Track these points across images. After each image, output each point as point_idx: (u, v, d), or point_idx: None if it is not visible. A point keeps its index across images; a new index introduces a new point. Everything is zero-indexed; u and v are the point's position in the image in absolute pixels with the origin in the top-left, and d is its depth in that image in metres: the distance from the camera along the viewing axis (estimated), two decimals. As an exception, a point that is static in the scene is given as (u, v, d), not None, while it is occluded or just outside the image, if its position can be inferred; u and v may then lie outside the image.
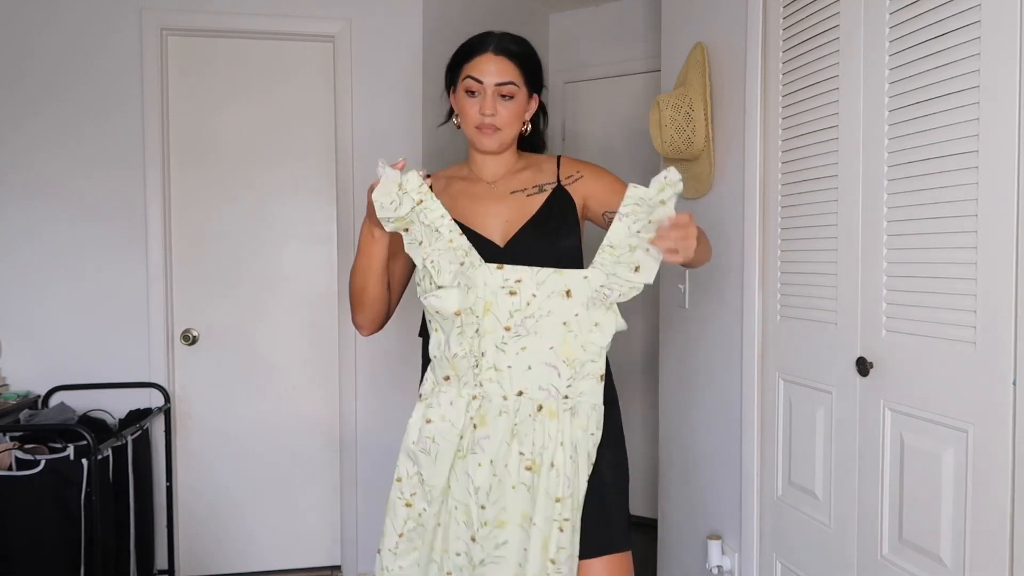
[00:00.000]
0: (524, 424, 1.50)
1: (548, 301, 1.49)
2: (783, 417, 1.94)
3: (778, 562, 1.97)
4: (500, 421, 1.51)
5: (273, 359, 3.06)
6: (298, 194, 3.05)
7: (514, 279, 1.50)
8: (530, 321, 1.50)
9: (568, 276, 1.49)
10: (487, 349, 1.50)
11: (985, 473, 1.30)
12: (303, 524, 3.10)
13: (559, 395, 1.51)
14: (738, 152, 2.08)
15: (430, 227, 1.49)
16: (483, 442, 1.51)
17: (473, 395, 1.52)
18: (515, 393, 1.51)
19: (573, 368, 1.51)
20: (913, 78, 1.44)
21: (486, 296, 1.49)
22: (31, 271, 2.84)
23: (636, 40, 3.47)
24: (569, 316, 1.50)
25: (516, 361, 1.50)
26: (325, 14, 2.97)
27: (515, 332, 1.50)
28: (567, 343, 1.50)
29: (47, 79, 2.82)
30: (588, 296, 1.49)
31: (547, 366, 1.50)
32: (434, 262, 1.50)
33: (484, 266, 1.50)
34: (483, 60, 1.58)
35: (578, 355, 1.51)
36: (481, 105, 1.58)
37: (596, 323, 1.51)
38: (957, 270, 1.35)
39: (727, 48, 2.14)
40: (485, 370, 1.51)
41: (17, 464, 2.25)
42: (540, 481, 1.49)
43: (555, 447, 1.50)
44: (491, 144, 1.62)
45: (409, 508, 1.57)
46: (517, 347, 1.50)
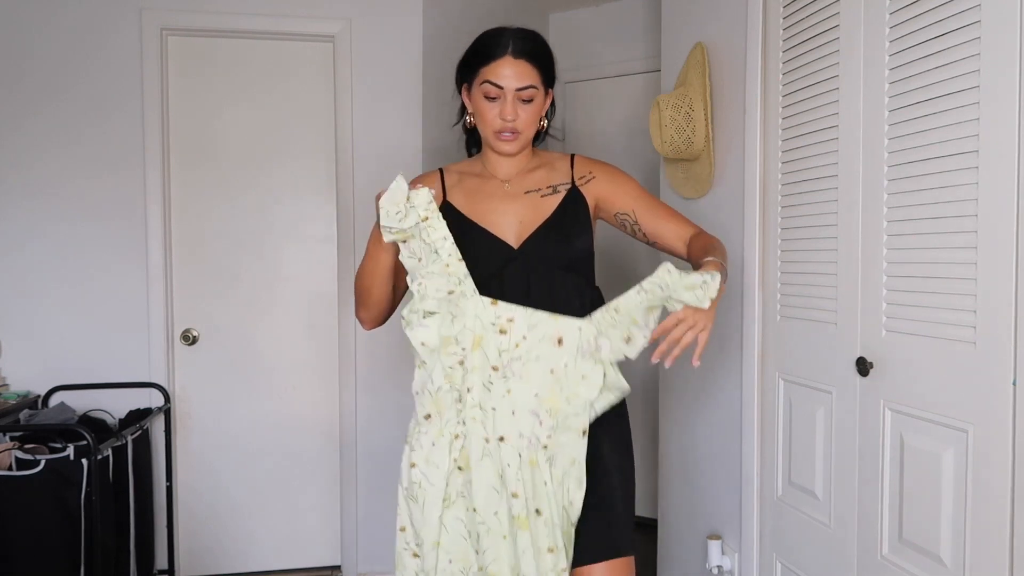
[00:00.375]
0: (510, 471, 1.47)
1: (538, 346, 1.46)
2: (783, 417, 1.94)
3: (778, 562, 1.97)
4: (484, 465, 1.47)
5: (273, 359, 3.06)
6: (298, 194, 3.05)
7: (506, 317, 1.46)
8: (517, 364, 1.46)
9: (562, 323, 1.46)
10: (473, 386, 1.47)
11: (985, 473, 1.30)
12: (303, 524, 3.10)
13: (539, 444, 1.47)
14: (738, 152, 2.08)
15: (430, 247, 1.45)
16: (468, 488, 1.48)
17: (455, 434, 1.48)
18: (496, 438, 1.47)
19: (555, 419, 1.47)
20: (913, 78, 1.44)
21: (476, 329, 1.46)
22: (31, 271, 2.84)
23: (636, 40, 3.47)
24: (557, 364, 1.46)
25: (501, 404, 1.47)
26: (325, 14, 2.97)
27: (502, 373, 1.46)
28: (552, 393, 1.46)
29: (47, 79, 2.82)
30: (578, 347, 1.45)
31: (530, 413, 1.47)
32: (421, 285, 1.46)
33: (477, 298, 1.46)
34: (502, 64, 1.54)
35: (562, 407, 1.47)
36: (502, 110, 1.55)
37: (583, 375, 1.46)
38: (957, 270, 1.35)
39: (727, 48, 2.14)
40: (469, 408, 1.47)
41: (17, 464, 2.25)
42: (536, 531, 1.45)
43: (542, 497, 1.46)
44: (512, 148, 1.60)
45: (417, 559, 1.53)
46: (503, 389, 1.46)
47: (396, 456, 3.22)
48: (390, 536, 3.14)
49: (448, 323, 1.47)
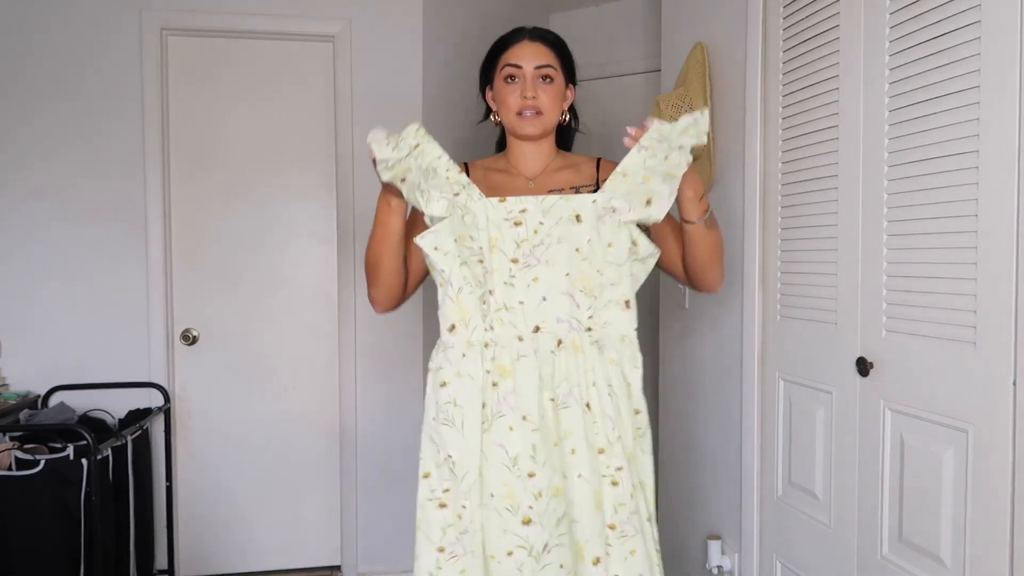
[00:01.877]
0: (545, 365, 1.36)
1: (557, 227, 1.39)
2: (783, 417, 1.94)
3: (778, 562, 1.97)
4: (521, 367, 1.36)
5: (273, 359, 3.06)
6: (298, 193, 3.05)
7: (518, 209, 1.40)
8: (539, 249, 1.39)
9: (576, 201, 1.40)
10: (495, 287, 1.39)
11: (985, 473, 1.30)
12: (303, 524, 3.10)
13: (581, 327, 1.38)
14: (738, 152, 2.08)
15: (428, 169, 1.39)
16: (509, 399, 1.36)
17: (485, 342, 1.39)
18: (531, 330, 1.38)
19: (592, 297, 1.39)
20: (913, 78, 1.44)
21: (490, 231, 1.40)
22: (31, 271, 2.84)
23: (636, 40, 3.47)
24: (581, 242, 1.39)
25: (528, 295, 1.39)
26: (325, 14, 2.97)
27: (524, 263, 1.39)
28: (582, 270, 1.39)
29: (47, 79, 2.82)
30: (597, 216, 1.39)
31: (563, 295, 1.38)
32: (424, 191, 1.39)
33: (484, 200, 1.41)
34: (520, 47, 1.58)
35: (595, 280, 1.39)
36: (522, 89, 1.56)
37: (609, 243, 1.39)
38: (957, 270, 1.35)
39: (727, 48, 2.14)
40: (495, 311, 1.38)
41: (17, 464, 2.25)
42: (575, 427, 1.32)
43: (587, 386, 1.35)
44: (534, 129, 1.57)
45: (444, 510, 1.36)
46: (527, 279, 1.39)
47: (396, 456, 3.23)
48: (390, 536, 3.15)
49: (459, 220, 1.40)
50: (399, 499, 3.03)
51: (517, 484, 1.33)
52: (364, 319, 3.03)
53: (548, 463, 1.34)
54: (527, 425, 1.34)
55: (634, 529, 1.33)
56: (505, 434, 1.35)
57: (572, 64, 1.66)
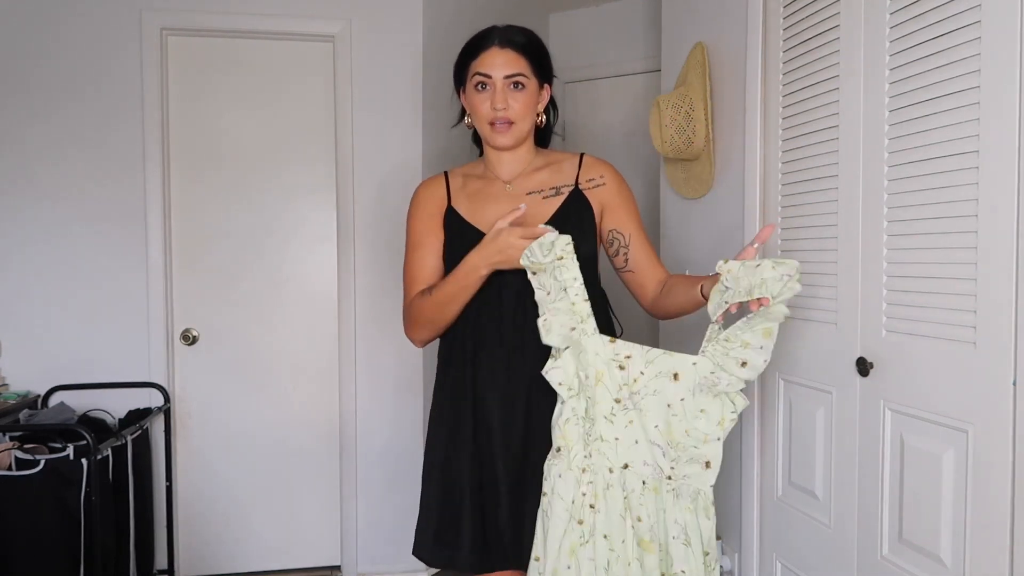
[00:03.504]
0: (634, 496, 1.49)
1: (655, 381, 1.47)
2: (783, 417, 1.94)
3: (778, 562, 1.97)
4: (610, 495, 1.50)
5: (273, 359, 3.06)
6: (298, 193, 3.05)
7: (624, 354, 1.48)
8: (636, 397, 1.48)
9: (677, 359, 1.47)
10: (597, 418, 1.49)
11: (985, 473, 1.30)
12: (303, 524, 3.10)
13: (663, 475, 1.49)
14: (738, 152, 2.08)
15: (560, 284, 1.48)
16: (601, 517, 1.50)
17: (583, 468, 1.50)
18: (620, 466, 1.49)
19: (677, 451, 1.48)
20: (913, 78, 1.44)
21: (597, 365, 1.48)
22: (31, 271, 2.84)
23: (636, 40, 3.47)
24: (674, 399, 1.47)
25: (624, 434, 1.49)
26: (325, 14, 2.97)
27: (624, 405, 1.49)
28: (671, 426, 1.48)
29: (46, 80, 2.82)
30: (696, 382, 1.46)
31: (652, 444, 1.49)
32: (546, 320, 1.50)
33: (597, 336, 1.48)
34: (489, 54, 1.57)
35: (682, 439, 1.48)
36: (492, 99, 1.56)
37: (702, 409, 1.47)
38: (957, 270, 1.35)
39: (727, 48, 2.14)
40: (593, 440, 1.49)
41: (17, 464, 2.25)
42: (647, 557, 1.48)
43: (659, 525, 1.49)
44: (506, 140, 1.59)
45: None
46: (625, 420, 1.49)
47: (396, 456, 3.22)
48: (390, 536, 3.15)
49: (573, 359, 1.50)
50: (399, 499, 3.03)
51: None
52: (364, 319, 3.03)
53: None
54: (606, 544, 1.49)
55: None
56: (593, 549, 1.50)
57: (546, 63, 1.64)
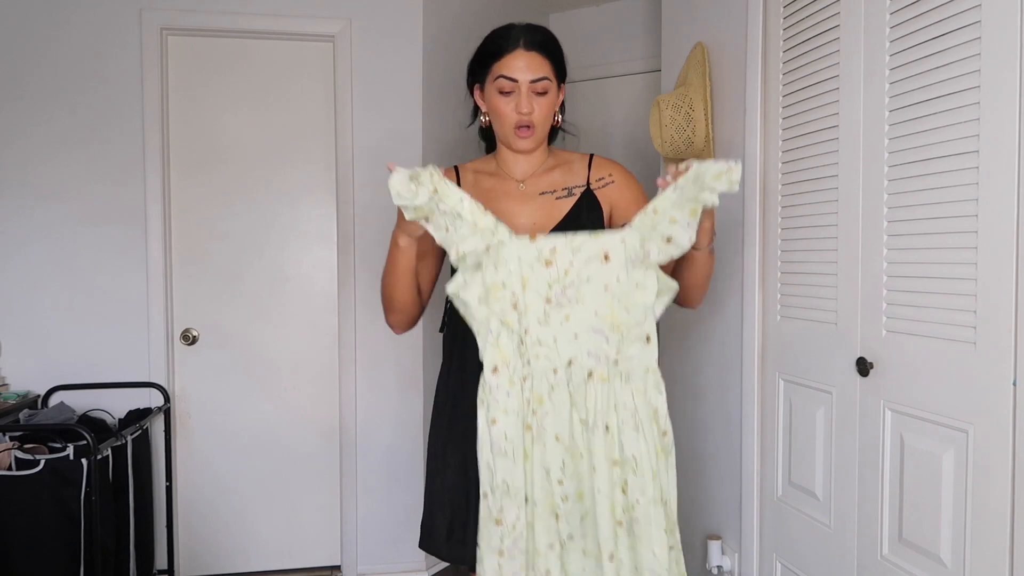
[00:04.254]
0: (577, 393, 1.48)
1: (587, 267, 1.46)
2: (783, 417, 1.94)
3: (778, 562, 1.97)
4: (556, 396, 1.49)
5: (273, 359, 3.06)
6: (298, 193, 3.05)
7: (548, 248, 1.46)
8: (571, 290, 1.47)
9: (604, 239, 1.46)
10: (530, 326, 1.47)
11: (985, 473, 1.30)
12: (303, 524, 3.10)
13: (609, 361, 1.48)
14: (738, 152, 2.08)
15: (451, 214, 1.45)
16: (545, 421, 1.49)
17: (524, 376, 1.49)
18: (565, 364, 1.48)
19: (620, 332, 1.48)
20: (913, 78, 1.44)
21: (522, 271, 1.47)
22: (31, 270, 2.84)
23: (636, 40, 3.47)
24: (610, 280, 1.47)
25: (561, 332, 1.48)
26: (325, 14, 2.97)
27: (556, 303, 1.47)
28: (611, 307, 1.47)
29: (46, 80, 2.82)
30: (627, 258, 1.46)
31: (594, 332, 1.48)
32: (458, 251, 1.46)
33: (515, 240, 1.46)
34: (515, 57, 1.55)
35: (623, 319, 1.47)
36: (517, 104, 1.55)
37: (637, 284, 1.47)
38: (957, 270, 1.35)
39: (727, 48, 2.14)
40: (531, 347, 1.48)
41: (17, 464, 2.25)
42: (596, 444, 1.47)
43: (608, 411, 1.47)
44: (528, 145, 1.60)
45: (500, 526, 1.52)
46: (560, 317, 1.47)
47: (396, 456, 3.22)
48: (390, 536, 3.15)
49: (492, 270, 1.47)
50: (399, 499, 3.03)
51: (556, 489, 1.50)
52: (364, 319, 3.03)
53: (575, 474, 1.49)
54: (559, 445, 1.49)
55: (636, 535, 1.48)
56: (542, 453, 1.50)
57: (564, 63, 1.64)
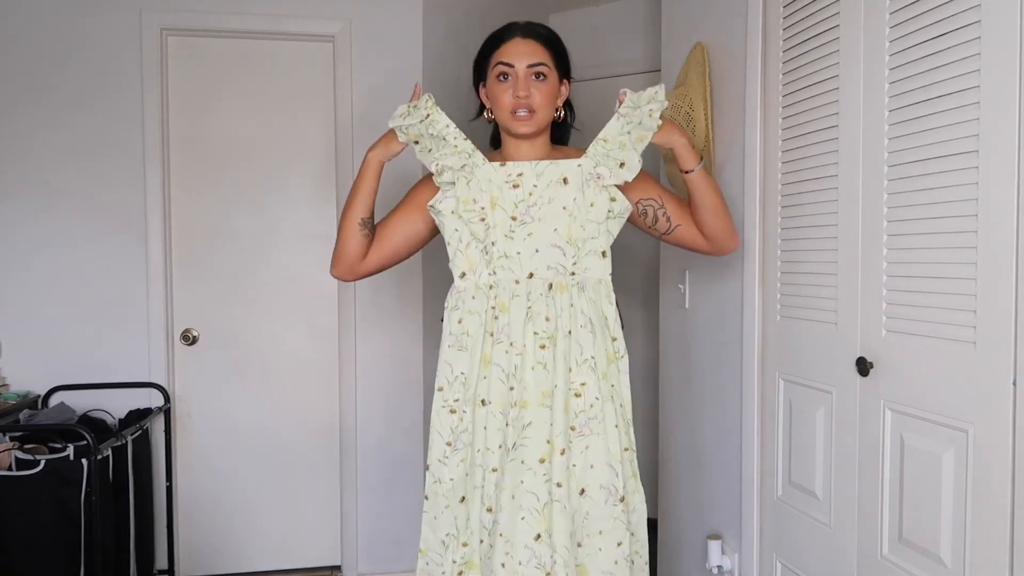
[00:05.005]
0: (537, 303, 1.64)
1: (548, 189, 1.65)
2: (783, 417, 1.94)
3: (778, 562, 1.97)
4: (515, 304, 1.64)
5: (273, 359, 3.06)
6: (298, 193, 3.05)
7: (516, 173, 1.65)
8: (534, 209, 1.65)
9: (563, 165, 1.66)
10: (497, 239, 1.65)
11: (985, 473, 1.30)
12: (303, 524, 3.10)
13: (566, 272, 1.66)
14: (738, 152, 2.08)
15: (437, 136, 1.64)
16: (506, 328, 1.64)
17: (489, 284, 1.66)
18: (526, 276, 1.65)
19: (576, 246, 1.65)
20: (913, 78, 1.44)
21: (492, 191, 1.65)
22: (31, 271, 2.84)
23: (636, 40, 3.47)
24: (568, 201, 1.65)
25: (524, 247, 1.65)
26: (325, 14, 2.97)
27: (521, 220, 1.65)
28: (568, 224, 1.65)
29: (46, 80, 2.82)
30: (583, 180, 1.65)
31: (553, 247, 1.65)
32: (438, 165, 1.66)
33: (487, 165, 1.65)
34: (512, 44, 1.65)
35: (579, 234, 1.65)
36: (514, 88, 1.64)
37: (591, 203, 1.65)
38: (957, 270, 1.35)
39: (727, 48, 2.14)
40: (497, 258, 1.65)
41: (17, 464, 2.25)
42: (557, 352, 1.61)
43: (568, 317, 1.63)
44: (527, 128, 1.66)
45: (453, 415, 1.66)
46: (524, 233, 1.65)
47: (396, 456, 3.22)
48: (390, 536, 3.15)
49: (464, 186, 1.66)
50: (399, 499, 3.03)
51: (504, 392, 1.64)
52: (364, 319, 3.03)
53: (521, 382, 1.62)
54: (513, 350, 1.63)
55: (591, 431, 1.62)
56: (502, 356, 1.64)
57: (566, 59, 1.71)
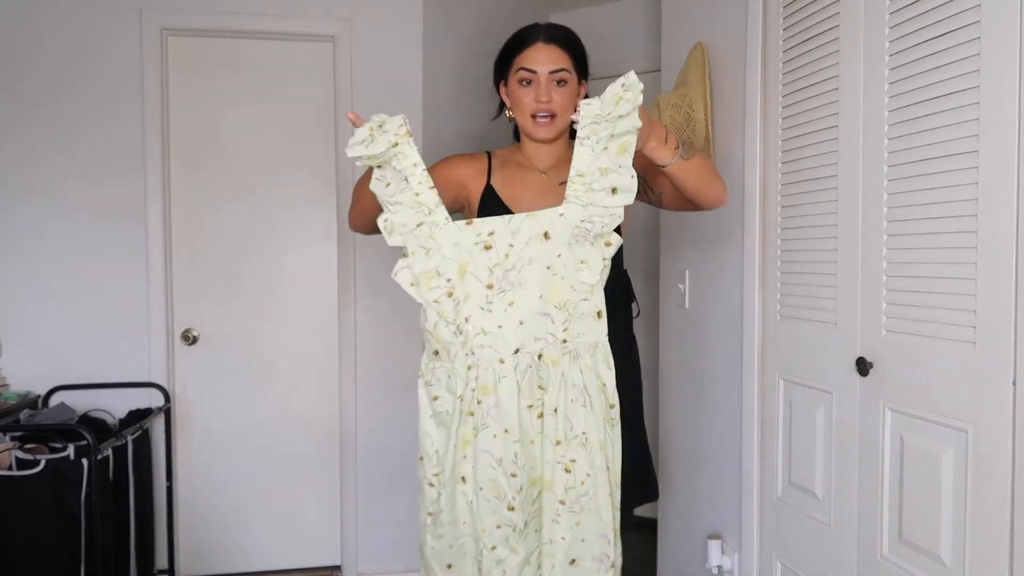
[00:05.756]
0: (526, 378, 1.45)
1: (527, 248, 1.43)
2: (783, 417, 1.94)
3: (778, 562, 1.97)
4: (503, 386, 1.45)
5: (273, 359, 3.06)
6: (298, 194, 3.05)
7: (487, 232, 1.43)
8: (512, 273, 1.43)
9: (542, 217, 1.43)
10: (471, 314, 1.44)
11: (985, 473, 1.30)
12: (303, 524, 3.10)
13: (557, 340, 1.45)
14: (738, 152, 2.08)
15: (400, 173, 1.41)
16: (492, 412, 1.46)
17: (468, 365, 1.46)
18: (511, 352, 1.45)
19: (566, 311, 1.45)
20: (913, 78, 1.44)
21: (460, 257, 1.43)
22: (31, 271, 2.84)
23: (636, 40, 3.47)
24: (552, 259, 1.44)
25: (506, 319, 1.44)
26: (325, 14, 2.97)
27: (499, 288, 1.44)
28: (555, 287, 1.44)
29: (46, 80, 2.82)
30: (569, 234, 1.42)
31: (540, 316, 1.44)
32: (387, 221, 1.43)
33: (451, 224, 1.43)
34: (535, 50, 1.62)
35: (569, 297, 1.45)
36: (536, 93, 1.61)
37: (582, 260, 1.44)
38: (957, 270, 1.35)
39: (727, 48, 2.14)
40: (473, 337, 1.44)
41: (17, 464, 2.25)
42: (547, 427, 1.46)
43: (558, 391, 1.45)
44: (547, 133, 1.64)
45: (432, 488, 1.53)
46: (504, 303, 1.44)
47: (396, 456, 3.22)
48: (390, 536, 3.15)
49: (423, 257, 1.43)
50: (399, 499, 3.03)
51: (503, 480, 1.48)
52: (364, 319, 3.03)
53: (528, 463, 1.48)
54: (509, 436, 1.46)
55: (582, 508, 1.49)
56: (490, 441, 1.46)
57: (585, 60, 1.72)
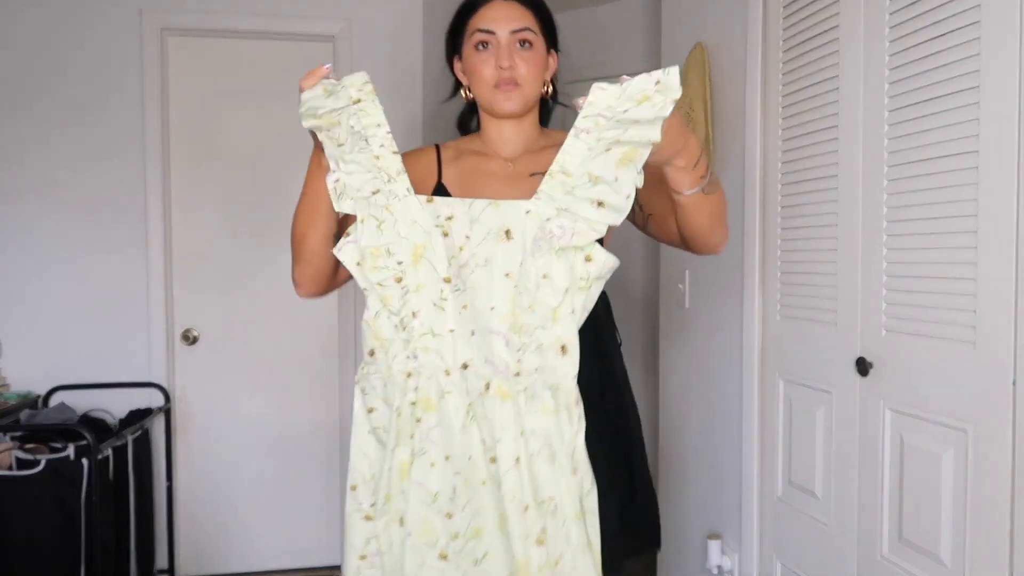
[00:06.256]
0: (478, 404, 1.14)
1: (484, 245, 1.13)
2: (783, 417, 1.94)
3: (778, 562, 1.97)
4: (448, 403, 1.15)
5: (273, 359, 3.06)
6: (298, 193, 3.04)
7: (444, 216, 1.14)
8: (465, 271, 1.14)
9: (506, 210, 1.12)
10: (421, 308, 1.14)
11: (985, 473, 1.30)
12: (303, 524, 3.10)
13: (509, 372, 1.13)
14: (738, 152, 2.08)
15: (359, 134, 1.13)
16: (432, 434, 1.15)
17: (407, 372, 1.16)
18: (459, 366, 1.15)
19: (521, 336, 1.13)
20: (913, 78, 1.44)
21: (416, 237, 1.14)
22: (31, 271, 2.84)
23: (636, 40, 3.47)
24: (512, 265, 1.12)
25: (459, 323, 1.14)
26: (325, 14, 2.97)
27: (455, 285, 1.14)
28: (513, 302, 1.12)
29: (47, 80, 2.82)
30: (533, 236, 1.11)
31: (491, 333, 1.13)
32: (338, 181, 1.15)
33: (411, 197, 1.14)
34: (491, 7, 1.33)
35: (526, 320, 1.12)
36: (496, 58, 1.31)
37: (544, 275, 1.11)
38: (957, 270, 1.35)
39: (727, 48, 2.14)
40: (419, 336, 1.14)
41: (17, 464, 2.25)
42: (504, 480, 1.12)
43: (513, 438, 1.13)
44: (513, 105, 1.32)
45: (370, 522, 1.20)
46: (459, 305, 1.14)
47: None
48: (390, 536, 3.12)
49: (374, 229, 1.14)
50: (399, 499, 3.03)
51: (436, 520, 1.16)
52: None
53: (469, 505, 1.16)
54: (449, 466, 1.15)
55: None
56: (426, 470, 1.15)
57: (554, 26, 1.44)
